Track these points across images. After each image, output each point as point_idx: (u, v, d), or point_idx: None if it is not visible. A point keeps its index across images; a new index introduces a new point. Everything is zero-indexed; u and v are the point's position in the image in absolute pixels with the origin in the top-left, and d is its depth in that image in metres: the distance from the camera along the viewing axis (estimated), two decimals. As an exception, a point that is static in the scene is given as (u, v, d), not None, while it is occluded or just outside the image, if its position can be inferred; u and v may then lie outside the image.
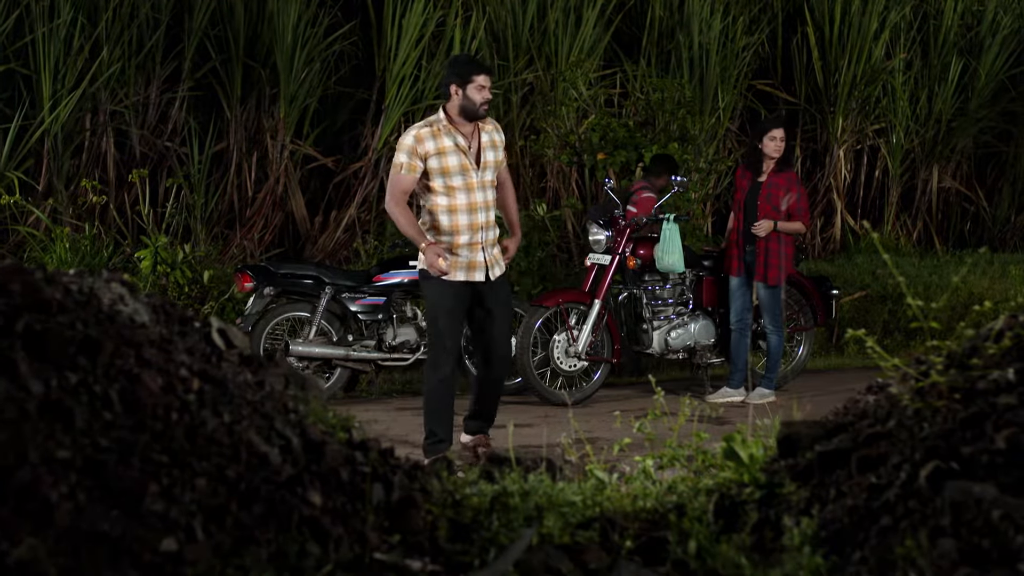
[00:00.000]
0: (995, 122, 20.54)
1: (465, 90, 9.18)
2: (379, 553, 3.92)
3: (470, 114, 9.22)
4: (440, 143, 9.09)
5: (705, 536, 4.29)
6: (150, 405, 3.85)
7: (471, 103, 9.18)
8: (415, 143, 9.07)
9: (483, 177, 9.19)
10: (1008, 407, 4.01)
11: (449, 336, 9.25)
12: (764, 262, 11.72)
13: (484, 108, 9.25)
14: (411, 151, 9.07)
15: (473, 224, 9.12)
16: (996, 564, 3.50)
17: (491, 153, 9.29)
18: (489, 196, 9.22)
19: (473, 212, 9.13)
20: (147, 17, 15.23)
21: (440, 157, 9.08)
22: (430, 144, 9.07)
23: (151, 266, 13.12)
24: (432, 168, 9.10)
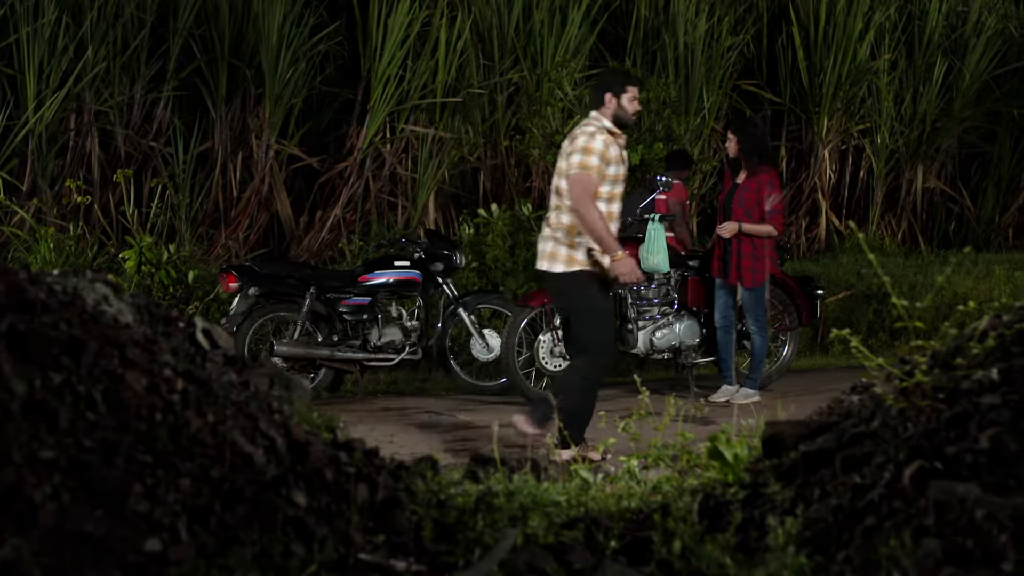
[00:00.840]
0: (979, 122, 20.59)
1: (620, 100, 9.17)
2: (364, 553, 3.91)
3: (621, 124, 9.20)
4: (614, 151, 9.05)
5: (690, 536, 4.29)
6: (134, 405, 3.84)
7: (624, 113, 9.17)
8: (605, 148, 8.98)
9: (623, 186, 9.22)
10: (992, 407, 4.01)
11: (611, 340, 9.32)
12: (737, 264, 11.75)
13: (633, 118, 9.34)
14: (602, 155, 8.95)
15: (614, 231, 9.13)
16: (980, 564, 3.51)
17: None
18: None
19: (615, 220, 9.14)
20: (132, 17, 15.21)
21: (615, 165, 9.04)
22: (612, 151, 9.02)
23: (136, 266, 13.09)
24: (607, 175, 9.03)
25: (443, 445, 9.65)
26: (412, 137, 16.60)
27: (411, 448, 9.17)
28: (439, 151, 16.44)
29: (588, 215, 8.85)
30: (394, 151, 16.65)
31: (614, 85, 9.21)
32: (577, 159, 8.92)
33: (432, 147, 16.42)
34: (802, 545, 3.99)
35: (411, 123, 16.51)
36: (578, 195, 8.85)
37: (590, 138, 8.97)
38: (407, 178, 16.62)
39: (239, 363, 4.61)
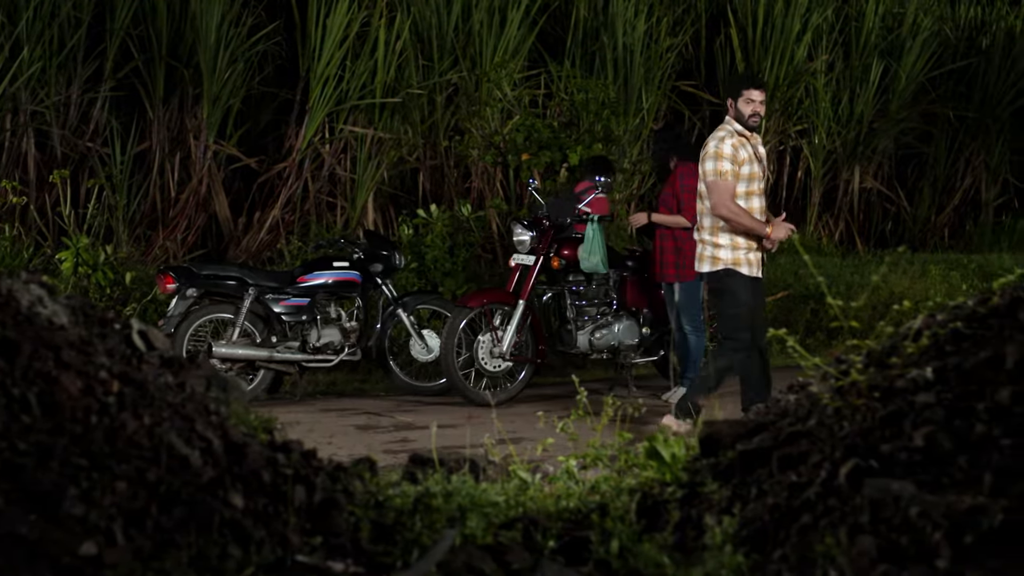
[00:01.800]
0: (915, 123, 20.75)
1: (736, 103, 10.01)
2: (301, 555, 3.90)
3: (743, 125, 9.98)
4: (747, 151, 9.87)
5: (627, 536, 4.30)
6: (69, 408, 3.81)
7: (740, 115, 9.98)
8: (734, 151, 9.83)
9: (763, 184, 10.07)
10: (926, 405, 4.04)
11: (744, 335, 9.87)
12: (661, 261, 11.83)
13: (753, 120, 10.01)
14: (732, 158, 9.81)
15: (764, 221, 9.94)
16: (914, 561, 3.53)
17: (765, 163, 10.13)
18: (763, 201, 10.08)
19: (758, 213, 9.93)
20: (68, 16, 15.07)
21: (748, 165, 9.87)
22: (742, 152, 9.85)
23: (72, 267, 13.00)
24: (741, 175, 9.84)
25: (382, 446, 9.64)
26: (351, 137, 16.56)
27: (350, 449, 9.16)
28: (378, 152, 16.41)
29: (732, 215, 9.77)
30: (333, 151, 16.59)
31: (732, 90, 10.18)
32: (710, 166, 9.83)
33: (371, 148, 16.38)
34: (739, 544, 4.01)
35: (350, 123, 16.46)
36: (716, 201, 9.78)
37: (719, 143, 9.88)
38: (346, 179, 16.57)
39: (176, 365, 4.59)
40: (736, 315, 9.90)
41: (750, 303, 9.93)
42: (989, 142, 21.20)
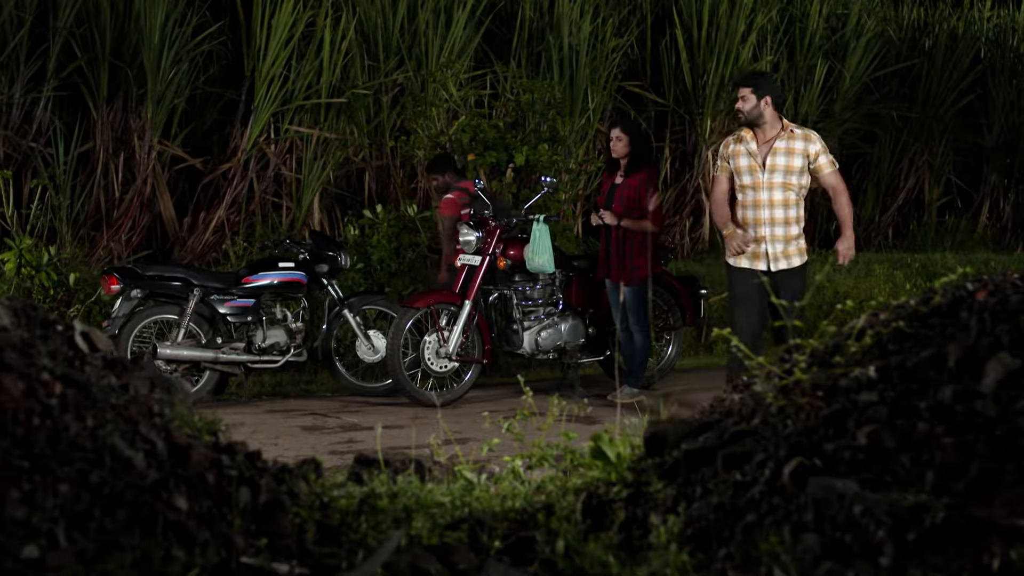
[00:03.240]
0: (860, 124, 20.90)
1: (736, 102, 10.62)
2: (246, 557, 3.89)
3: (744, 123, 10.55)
4: (743, 147, 10.43)
5: (573, 535, 4.30)
6: (10, 410, 3.78)
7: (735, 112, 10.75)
8: (725, 148, 10.63)
9: (770, 179, 10.24)
10: (869, 404, 4.06)
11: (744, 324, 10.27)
12: (619, 263, 11.82)
13: (738, 116, 10.54)
14: (723, 155, 10.61)
15: (758, 219, 10.29)
16: (858, 558, 3.55)
17: (783, 158, 10.26)
18: (776, 196, 10.23)
19: (758, 208, 10.28)
20: (10, 15, 14.97)
21: (738, 159, 10.45)
22: (732, 148, 10.54)
23: (15, 268, 12.92)
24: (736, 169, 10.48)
25: (328, 447, 9.62)
26: (297, 138, 16.52)
27: (295, 450, 9.14)
28: (324, 152, 16.38)
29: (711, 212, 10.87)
30: (278, 152, 16.55)
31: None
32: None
33: (317, 148, 16.35)
34: (684, 543, 4.01)
35: (295, 124, 16.43)
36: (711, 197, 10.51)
37: (724, 142, 10.70)
38: (292, 179, 16.54)
39: (119, 366, 4.56)
40: (730, 306, 10.53)
41: (745, 294, 10.26)
42: (932, 142, 21.37)
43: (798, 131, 10.33)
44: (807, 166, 10.23)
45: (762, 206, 10.23)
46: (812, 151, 10.21)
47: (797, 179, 10.21)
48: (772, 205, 10.22)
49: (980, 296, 4.38)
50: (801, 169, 10.21)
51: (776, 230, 10.22)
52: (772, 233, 10.21)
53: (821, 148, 10.26)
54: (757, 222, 10.23)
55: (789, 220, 10.23)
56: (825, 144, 10.37)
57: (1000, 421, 3.79)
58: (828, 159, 10.25)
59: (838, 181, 10.32)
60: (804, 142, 10.24)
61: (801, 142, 10.24)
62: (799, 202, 10.29)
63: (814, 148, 10.22)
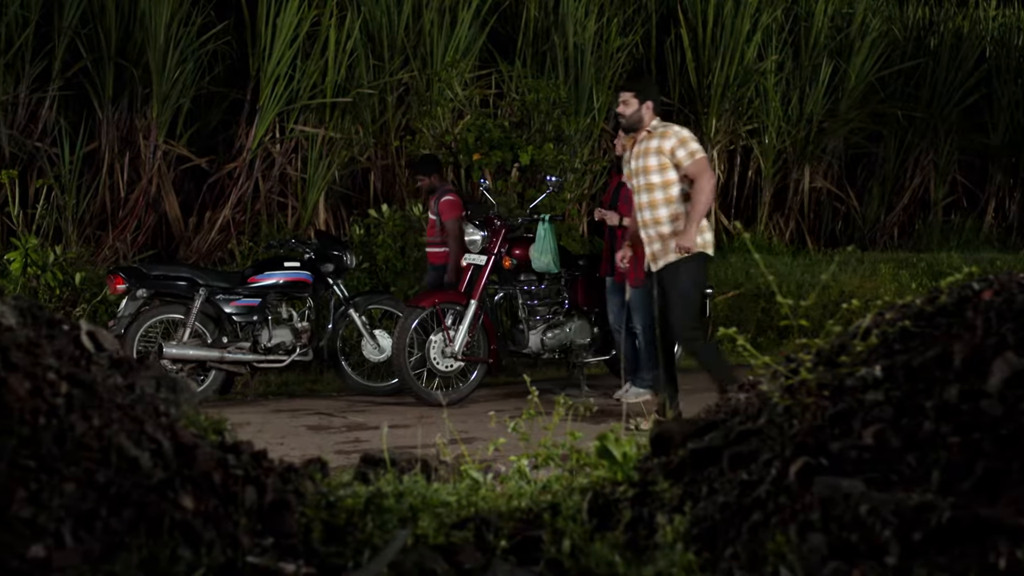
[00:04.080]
0: (865, 123, 20.87)
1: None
2: (252, 556, 3.89)
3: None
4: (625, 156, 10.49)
5: (579, 535, 4.30)
6: (17, 409, 3.79)
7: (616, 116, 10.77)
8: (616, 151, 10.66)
9: (637, 183, 10.24)
10: (875, 403, 4.07)
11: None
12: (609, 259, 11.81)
13: (621, 120, 10.51)
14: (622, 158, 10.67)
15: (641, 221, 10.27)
16: (863, 558, 3.55)
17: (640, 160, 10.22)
18: (643, 198, 10.19)
19: (637, 211, 10.32)
20: (16, 15, 14.97)
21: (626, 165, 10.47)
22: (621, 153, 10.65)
23: (21, 268, 12.92)
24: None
25: (334, 447, 9.62)
26: (302, 137, 16.53)
27: (301, 450, 9.14)
28: (329, 151, 16.38)
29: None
30: (284, 151, 16.56)
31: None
32: None
33: (322, 147, 16.35)
34: (690, 542, 4.02)
35: (301, 123, 16.43)
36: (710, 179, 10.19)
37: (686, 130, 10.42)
38: (297, 178, 16.54)
39: (125, 366, 4.57)
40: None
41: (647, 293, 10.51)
42: (938, 142, 21.35)
43: (658, 130, 10.24)
44: (664, 164, 10.12)
45: (640, 209, 10.24)
46: (666, 147, 10.09)
47: (658, 178, 10.12)
48: (641, 208, 10.22)
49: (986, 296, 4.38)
50: (658, 168, 10.13)
51: (650, 231, 10.16)
52: (647, 235, 10.17)
53: (676, 143, 10.11)
54: (641, 224, 10.25)
55: (659, 220, 10.12)
56: (687, 137, 10.16)
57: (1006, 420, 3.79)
58: (687, 151, 10.07)
59: (699, 171, 10.07)
60: (658, 140, 10.16)
61: (655, 140, 10.17)
62: (667, 201, 10.11)
63: (668, 144, 10.09)
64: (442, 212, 12.79)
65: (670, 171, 10.07)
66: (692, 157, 10.03)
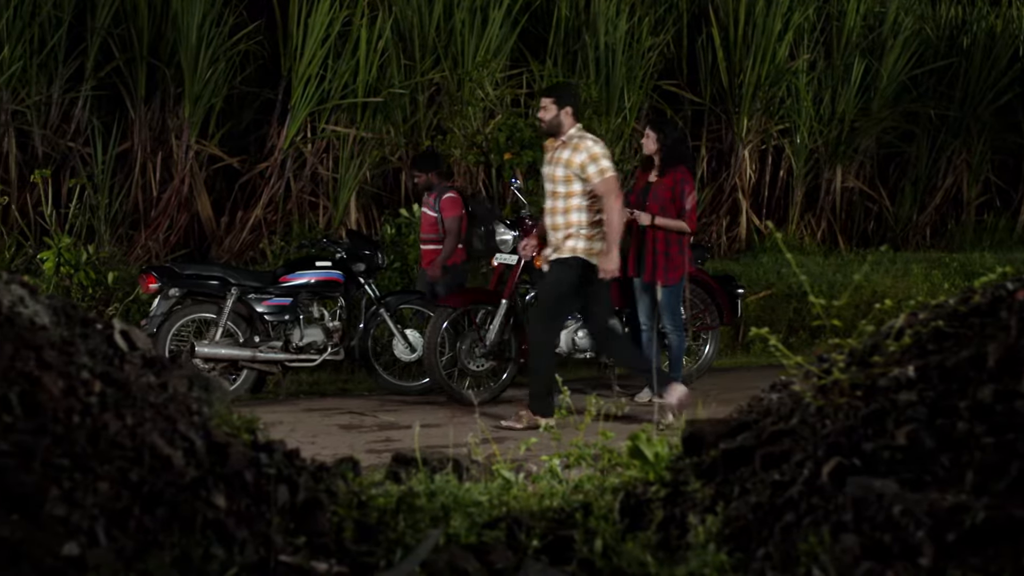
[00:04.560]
0: (897, 122, 20.79)
1: None
2: (284, 555, 3.89)
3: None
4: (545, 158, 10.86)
5: (611, 534, 4.29)
6: (51, 408, 3.80)
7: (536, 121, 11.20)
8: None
9: (547, 187, 10.63)
10: (908, 404, 4.05)
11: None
12: (652, 262, 11.77)
13: (541, 124, 10.78)
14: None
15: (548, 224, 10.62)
16: (897, 558, 3.54)
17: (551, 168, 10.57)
18: (548, 204, 10.60)
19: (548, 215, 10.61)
20: (49, 15, 15.05)
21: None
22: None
23: (54, 267, 12.97)
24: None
25: (365, 446, 9.63)
26: (333, 137, 16.55)
27: (333, 449, 9.14)
28: (360, 151, 16.40)
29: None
30: (315, 151, 16.59)
31: None
32: None
33: (353, 147, 16.37)
34: (722, 542, 4.01)
35: (332, 123, 16.46)
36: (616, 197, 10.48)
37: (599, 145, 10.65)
38: (328, 178, 16.57)
39: (158, 365, 4.58)
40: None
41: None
42: (970, 141, 21.25)
43: (572, 141, 10.43)
44: (570, 176, 10.36)
45: (545, 213, 10.64)
46: (577, 161, 10.32)
47: (562, 188, 10.42)
48: (547, 212, 10.60)
49: (1020, 295, 4.36)
50: (563, 179, 10.39)
51: (552, 235, 10.53)
52: (549, 239, 10.56)
53: (587, 159, 10.29)
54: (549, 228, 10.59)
55: (557, 227, 10.46)
56: (599, 154, 10.35)
57: (1041, 421, 3.77)
58: (597, 168, 10.26)
59: (607, 190, 10.27)
60: (570, 152, 10.37)
61: (568, 152, 10.39)
62: (567, 210, 10.40)
63: (579, 158, 10.31)
64: (443, 210, 12.79)
65: (575, 183, 10.36)
66: (602, 175, 10.27)
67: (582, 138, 10.43)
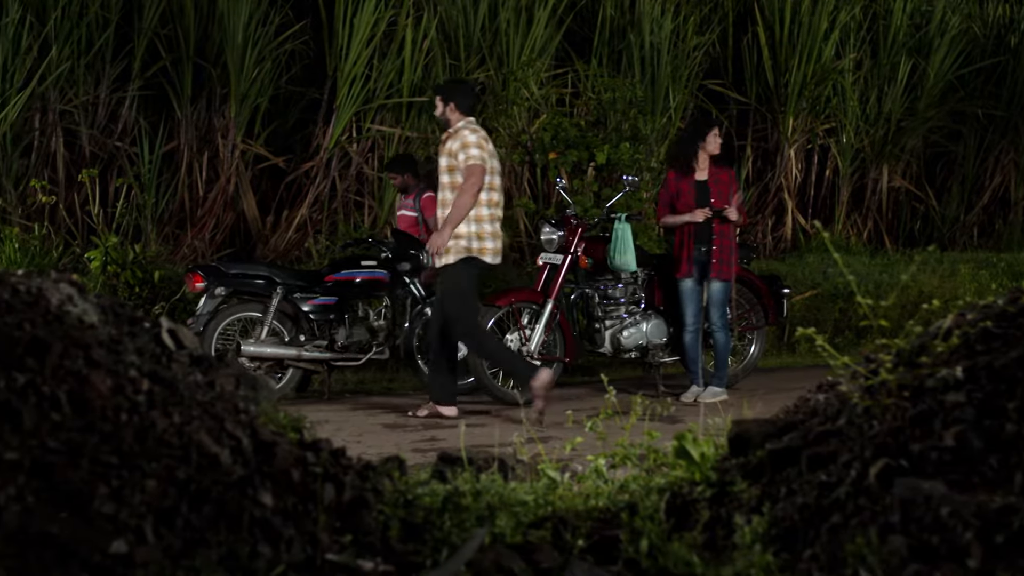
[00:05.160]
0: (944, 122, 20.66)
1: None
2: (331, 554, 3.91)
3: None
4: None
5: (657, 535, 4.29)
6: (99, 406, 3.82)
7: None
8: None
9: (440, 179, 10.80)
10: (956, 405, 4.03)
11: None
12: (719, 259, 11.75)
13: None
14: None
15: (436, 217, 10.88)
16: (944, 560, 3.52)
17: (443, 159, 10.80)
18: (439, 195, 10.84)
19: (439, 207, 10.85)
20: (96, 16, 15.13)
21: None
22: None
23: (101, 266, 13.04)
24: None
25: (410, 445, 9.63)
26: (378, 136, 16.58)
27: (378, 448, 9.15)
28: (405, 150, 16.42)
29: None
30: (360, 150, 16.62)
31: None
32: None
33: (399, 146, 16.40)
34: (769, 543, 4.00)
35: (377, 122, 16.49)
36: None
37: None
38: (374, 177, 16.60)
39: (205, 363, 4.60)
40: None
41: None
42: (1018, 140, 21.08)
43: (457, 132, 10.73)
44: (452, 165, 10.68)
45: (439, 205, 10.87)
46: (453, 148, 10.69)
47: (447, 179, 10.74)
48: (438, 204, 10.87)
49: (1070, 296, 4.33)
50: (447, 169, 10.71)
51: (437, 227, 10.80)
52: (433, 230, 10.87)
53: (460, 146, 10.64)
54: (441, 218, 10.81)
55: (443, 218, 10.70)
56: (470, 143, 10.64)
57: (1091, 422, 3.75)
58: (465, 156, 10.59)
59: (467, 176, 10.59)
60: (451, 141, 10.70)
61: (450, 142, 10.72)
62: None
63: (455, 146, 10.68)
64: (425, 208, 12.81)
65: (457, 173, 10.64)
66: (467, 161, 10.56)
67: (463, 129, 10.76)
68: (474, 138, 10.66)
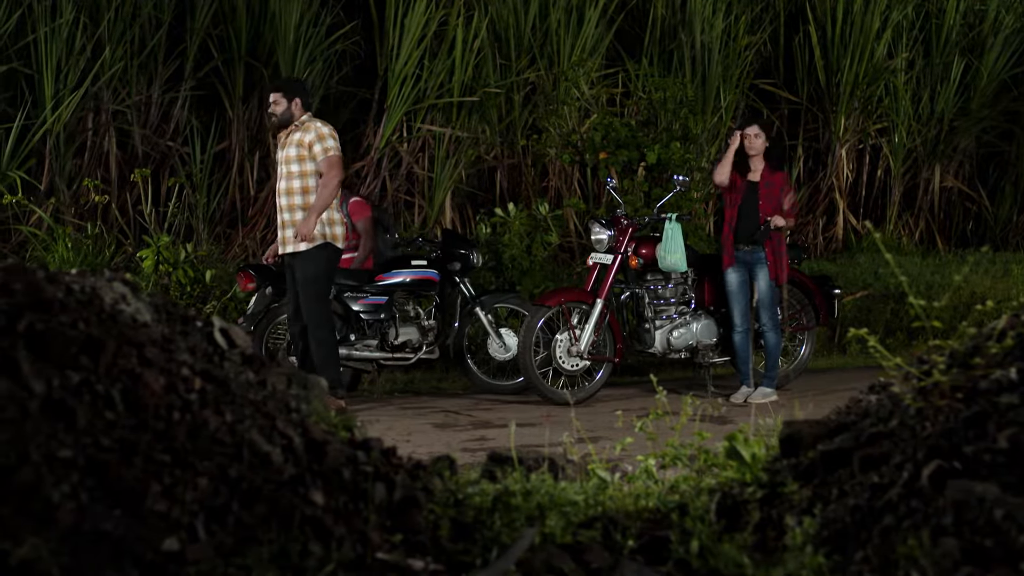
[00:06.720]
0: (997, 121, 20.53)
1: None
2: (381, 553, 3.91)
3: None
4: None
5: (707, 535, 4.28)
6: (152, 405, 3.84)
7: (268, 117, 11.44)
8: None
9: (281, 169, 11.08)
10: (1010, 406, 4.00)
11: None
12: (774, 261, 11.73)
13: (273, 119, 11.23)
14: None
15: (276, 206, 11.22)
16: (998, 563, 3.50)
17: (287, 149, 11.04)
18: (282, 185, 11.04)
19: (279, 196, 11.13)
20: (149, 17, 15.23)
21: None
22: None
23: (153, 265, 13.12)
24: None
25: (460, 444, 9.65)
26: (429, 136, 16.61)
27: (428, 447, 9.18)
28: (456, 150, 16.45)
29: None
30: (411, 150, 16.66)
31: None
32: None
33: (449, 146, 16.42)
34: (820, 545, 3.98)
35: (428, 122, 16.52)
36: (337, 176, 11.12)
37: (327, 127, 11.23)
38: (424, 177, 16.63)
39: (257, 362, 4.62)
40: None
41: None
42: (1072, 140, 20.94)
43: (303, 125, 11.00)
44: (303, 155, 10.89)
45: (279, 195, 11.08)
46: (306, 140, 10.91)
47: (296, 168, 10.92)
48: (280, 194, 11.07)
49: (1125, 297, 4.29)
50: (296, 158, 10.93)
51: (284, 216, 11.01)
52: (282, 219, 11.03)
53: (314, 137, 10.88)
54: (278, 209, 11.12)
55: (293, 207, 10.94)
56: (325, 134, 10.93)
57: None
58: (322, 147, 10.87)
59: (327, 168, 10.88)
60: (301, 133, 10.95)
61: (299, 133, 10.95)
62: (304, 190, 10.92)
63: (308, 137, 10.90)
64: (352, 213, 12.77)
65: (307, 163, 10.89)
66: (325, 153, 10.87)
67: (312, 120, 11.03)
68: (327, 130, 10.98)
